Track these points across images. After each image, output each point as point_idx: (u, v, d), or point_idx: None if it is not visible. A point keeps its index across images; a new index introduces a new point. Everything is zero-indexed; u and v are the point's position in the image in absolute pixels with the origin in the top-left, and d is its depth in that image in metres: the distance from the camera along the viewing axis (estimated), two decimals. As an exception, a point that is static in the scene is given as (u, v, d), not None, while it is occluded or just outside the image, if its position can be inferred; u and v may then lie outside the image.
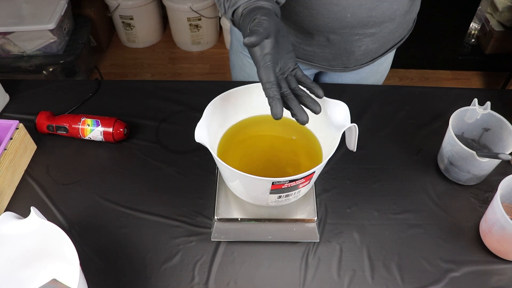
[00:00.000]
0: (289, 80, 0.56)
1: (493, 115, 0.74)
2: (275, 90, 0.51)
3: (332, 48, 0.84)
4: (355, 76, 0.98)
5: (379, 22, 0.78)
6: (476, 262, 0.67)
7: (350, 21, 0.76)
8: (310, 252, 0.68)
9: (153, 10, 2.31)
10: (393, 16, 0.78)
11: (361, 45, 0.83)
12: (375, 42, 0.84)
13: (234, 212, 0.69)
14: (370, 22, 0.77)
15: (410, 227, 0.71)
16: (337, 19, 0.76)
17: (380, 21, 0.78)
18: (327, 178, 0.78)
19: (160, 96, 0.93)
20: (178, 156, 0.81)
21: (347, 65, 0.90)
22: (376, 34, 0.81)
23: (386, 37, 0.84)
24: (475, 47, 2.24)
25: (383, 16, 0.77)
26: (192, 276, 0.65)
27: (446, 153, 0.75)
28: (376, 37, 0.82)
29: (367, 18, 0.76)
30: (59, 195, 0.75)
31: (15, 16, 1.75)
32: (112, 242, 0.69)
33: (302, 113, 0.53)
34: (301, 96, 0.55)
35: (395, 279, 0.65)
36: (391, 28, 0.82)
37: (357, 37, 0.80)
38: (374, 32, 0.80)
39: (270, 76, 0.51)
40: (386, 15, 0.77)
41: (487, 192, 0.76)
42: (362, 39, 0.81)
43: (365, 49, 0.85)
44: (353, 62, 0.89)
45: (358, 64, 0.91)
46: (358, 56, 0.86)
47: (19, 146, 0.77)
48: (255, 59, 0.52)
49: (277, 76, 0.54)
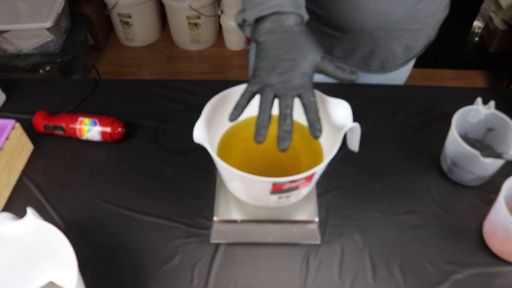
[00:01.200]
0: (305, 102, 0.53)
1: (497, 115, 0.73)
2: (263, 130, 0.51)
3: (374, 45, 0.83)
4: (380, 78, 0.97)
5: (423, 17, 0.78)
6: (479, 264, 0.67)
7: (396, 14, 0.76)
8: (311, 254, 0.67)
9: (151, 8, 2.30)
10: (435, 11, 0.78)
11: (402, 41, 0.82)
12: (415, 40, 0.83)
13: (234, 213, 0.68)
14: (414, 16, 0.77)
15: (413, 228, 0.71)
16: (384, 12, 0.75)
17: (423, 15, 0.77)
18: (328, 178, 0.77)
19: (159, 95, 0.92)
20: (177, 157, 0.80)
21: (385, 64, 0.89)
22: (417, 31, 0.81)
23: (425, 36, 0.84)
24: (479, 46, 2.22)
25: (426, 10, 0.77)
26: (191, 278, 0.65)
27: (449, 154, 0.74)
28: (417, 34, 0.82)
29: (412, 11, 0.76)
30: (56, 196, 0.74)
31: (12, 14, 1.73)
32: (110, 243, 0.68)
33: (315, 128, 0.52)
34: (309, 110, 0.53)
35: (397, 281, 0.65)
36: (430, 26, 0.82)
37: (400, 33, 0.80)
38: (416, 28, 0.80)
39: (264, 118, 0.51)
40: (429, 9, 0.77)
41: (491, 193, 0.75)
42: (405, 35, 0.81)
43: (405, 46, 0.84)
44: (391, 60, 0.88)
45: (395, 64, 0.90)
46: (397, 53, 0.86)
47: (15, 146, 0.76)
48: None
49: None
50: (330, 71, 0.55)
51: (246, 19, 0.56)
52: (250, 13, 0.55)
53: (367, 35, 0.80)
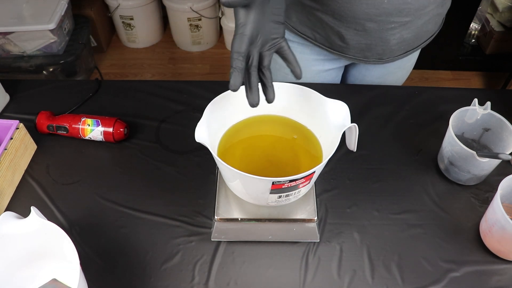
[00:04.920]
0: (263, 56, 0.54)
1: (493, 115, 0.74)
2: (239, 62, 0.50)
3: (368, 37, 0.84)
4: (382, 70, 0.98)
5: (414, 10, 0.78)
6: (476, 262, 0.67)
7: (386, 7, 0.76)
8: (310, 252, 0.68)
9: (153, 10, 2.31)
10: (427, 3, 0.78)
11: (395, 33, 0.83)
12: (409, 32, 0.84)
13: (234, 212, 0.68)
14: (406, 9, 0.77)
15: (410, 227, 0.71)
16: (374, 5, 0.76)
17: (415, 8, 0.78)
18: (327, 178, 0.78)
19: (160, 96, 0.93)
20: (178, 156, 0.81)
21: (382, 56, 0.89)
22: (410, 23, 0.81)
23: (420, 28, 0.84)
24: (475, 48, 2.24)
25: (418, 3, 0.77)
26: (192, 276, 0.65)
27: (446, 153, 0.75)
28: (411, 27, 0.82)
29: (403, 5, 0.76)
30: (59, 195, 0.75)
31: (16, 16, 1.75)
32: (112, 241, 0.69)
33: (253, 94, 0.52)
34: (265, 77, 0.53)
35: (395, 279, 0.65)
36: (425, 19, 0.82)
37: (392, 25, 0.80)
38: (409, 21, 0.80)
39: (242, 46, 0.51)
40: (421, 2, 0.77)
41: (487, 192, 0.76)
42: (397, 27, 0.81)
43: (399, 38, 0.84)
44: (388, 53, 0.88)
45: (392, 56, 0.90)
46: (393, 45, 0.86)
47: (19, 146, 0.77)
48: (235, 24, 0.51)
49: (255, 47, 0.53)
50: (288, 53, 0.56)
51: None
52: None
53: (360, 27, 0.81)
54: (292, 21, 0.90)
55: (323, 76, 0.99)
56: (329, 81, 1.01)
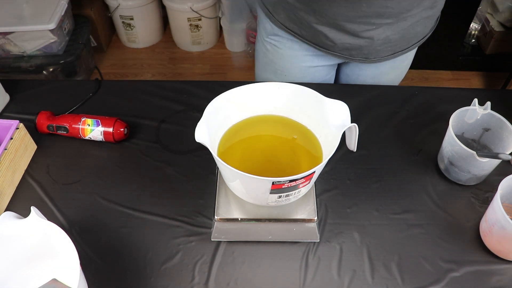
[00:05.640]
0: None
1: (493, 115, 0.74)
2: None
3: (351, 37, 0.83)
4: (375, 70, 0.98)
5: (396, 13, 0.77)
6: (476, 262, 0.67)
7: (365, 10, 0.76)
8: (310, 252, 0.68)
9: (153, 10, 2.31)
10: (409, 8, 0.77)
11: (379, 33, 0.82)
12: (395, 33, 0.83)
13: (234, 212, 0.69)
14: (386, 13, 0.77)
15: (410, 227, 0.71)
16: (353, 8, 0.76)
17: (396, 11, 0.77)
18: (327, 178, 0.78)
19: (160, 96, 0.93)
20: (178, 156, 0.81)
21: (368, 55, 0.89)
22: (394, 24, 0.81)
23: (406, 29, 0.83)
24: (475, 48, 2.24)
25: (399, 7, 0.76)
26: (192, 276, 0.65)
27: (446, 153, 0.75)
28: (396, 28, 0.82)
29: (383, 9, 0.76)
30: (59, 195, 0.75)
31: (16, 16, 1.75)
32: (112, 242, 0.69)
33: None
34: None
35: (395, 279, 0.65)
36: (412, 21, 0.81)
37: (374, 26, 0.80)
38: (392, 22, 0.80)
39: None
40: (402, 6, 0.76)
41: (487, 192, 0.76)
42: (379, 28, 0.81)
43: (384, 39, 0.84)
44: (374, 53, 0.88)
45: (378, 56, 0.90)
46: (378, 46, 0.85)
47: (19, 146, 0.77)
48: None
49: None
50: None
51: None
52: None
53: (341, 27, 0.81)
54: (281, 17, 0.89)
55: (313, 72, 0.99)
56: (320, 78, 1.00)
